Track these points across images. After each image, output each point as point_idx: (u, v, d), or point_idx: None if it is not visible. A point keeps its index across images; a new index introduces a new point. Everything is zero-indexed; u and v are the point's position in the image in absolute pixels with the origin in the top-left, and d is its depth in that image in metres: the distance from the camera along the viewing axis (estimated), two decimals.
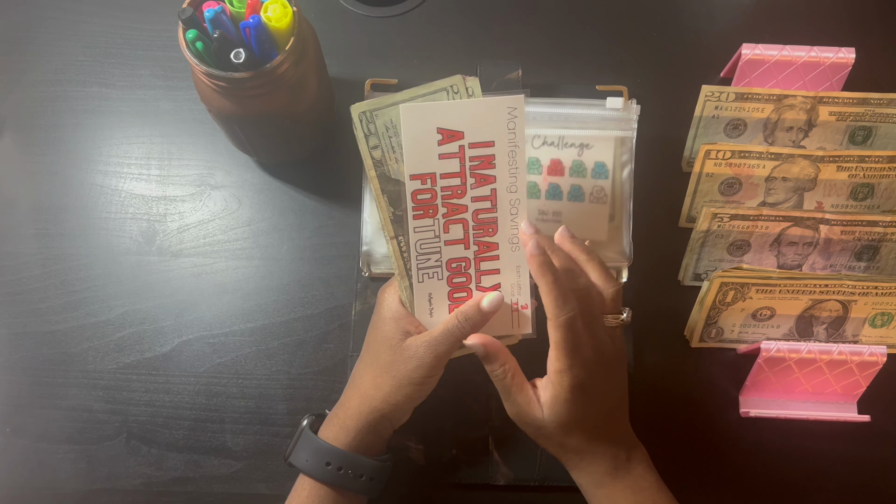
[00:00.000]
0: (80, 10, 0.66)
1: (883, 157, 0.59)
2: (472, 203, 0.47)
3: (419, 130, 0.45)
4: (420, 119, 0.45)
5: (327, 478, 0.47)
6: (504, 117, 0.45)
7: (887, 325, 0.59)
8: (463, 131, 0.45)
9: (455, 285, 0.48)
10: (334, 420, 0.49)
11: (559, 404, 0.45)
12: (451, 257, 0.48)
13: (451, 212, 0.47)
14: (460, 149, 0.45)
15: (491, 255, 0.48)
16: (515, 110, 0.45)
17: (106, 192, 0.62)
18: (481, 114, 0.45)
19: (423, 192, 0.46)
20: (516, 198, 0.47)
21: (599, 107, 0.59)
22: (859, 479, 0.58)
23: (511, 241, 0.47)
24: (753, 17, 0.68)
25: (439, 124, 0.45)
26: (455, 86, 0.46)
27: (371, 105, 0.45)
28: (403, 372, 0.47)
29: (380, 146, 0.46)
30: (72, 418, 0.57)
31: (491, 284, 0.48)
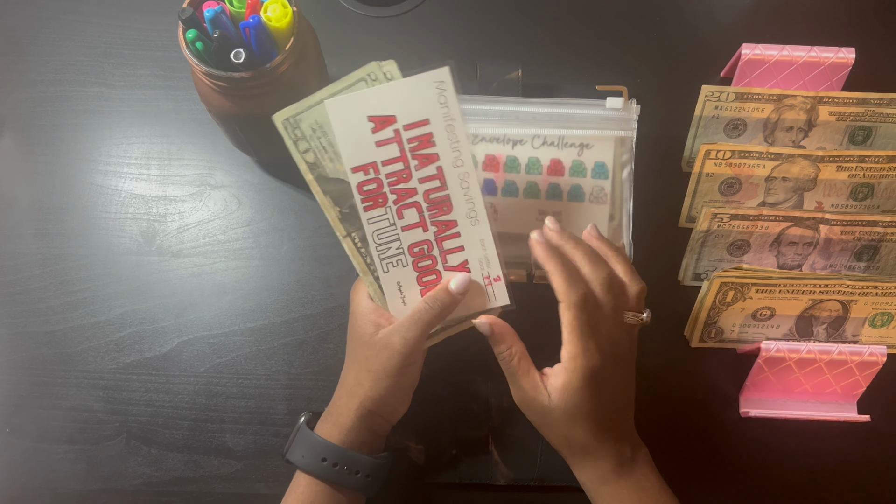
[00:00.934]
0: (80, 10, 0.66)
1: (883, 157, 0.59)
2: (421, 184, 0.46)
3: (350, 122, 0.44)
4: (348, 111, 0.44)
5: (323, 474, 0.47)
6: (433, 93, 0.45)
7: (887, 325, 0.59)
8: (395, 115, 0.45)
9: (422, 269, 0.48)
10: (328, 417, 0.49)
11: (569, 392, 0.45)
12: (411, 242, 0.47)
13: (402, 197, 0.46)
14: (396, 133, 0.45)
15: (451, 234, 0.47)
16: (443, 83, 0.44)
17: (106, 192, 0.62)
18: (409, 94, 0.44)
19: (367, 182, 0.45)
20: (464, 171, 0.46)
21: (599, 107, 0.59)
22: (859, 479, 0.58)
23: (469, 216, 0.47)
24: (753, 17, 0.68)
25: (369, 112, 0.44)
26: (372, 73, 0.45)
27: (293, 110, 0.45)
28: (378, 365, 0.47)
29: (311, 148, 0.45)
30: (72, 418, 0.57)
31: (458, 262, 0.48)
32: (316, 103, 0.45)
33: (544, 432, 0.48)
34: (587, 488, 0.48)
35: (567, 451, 0.48)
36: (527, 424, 0.56)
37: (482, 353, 0.51)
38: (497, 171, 0.57)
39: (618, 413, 0.48)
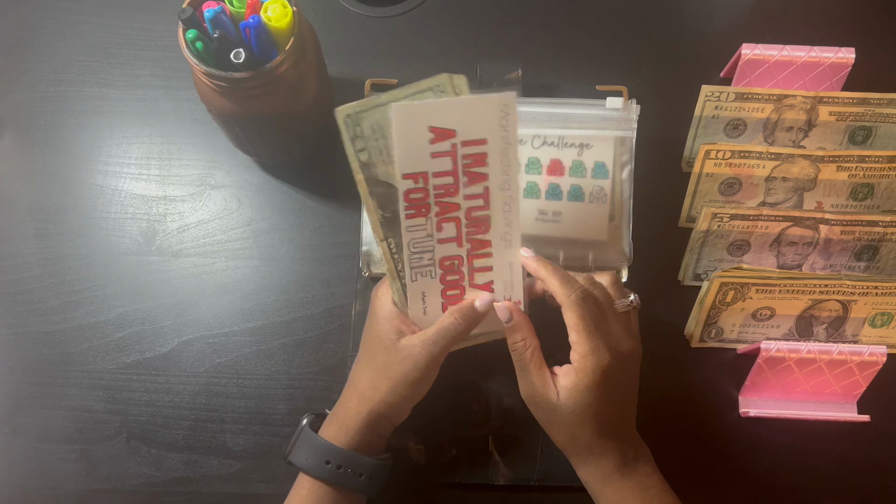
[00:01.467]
0: (80, 10, 0.66)
1: (883, 157, 0.59)
2: (465, 201, 0.46)
3: (410, 129, 0.44)
4: (411, 118, 0.44)
5: (327, 476, 0.47)
6: (496, 115, 0.44)
7: (887, 325, 0.59)
8: (455, 129, 0.44)
9: (448, 283, 0.48)
10: (334, 419, 0.49)
11: (579, 391, 0.45)
12: (443, 255, 0.47)
13: (444, 210, 0.46)
14: (452, 147, 0.45)
15: (484, 253, 0.48)
16: (507, 107, 0.44)
17: (106, 192, 0.62)
18: (473, 111, 0.44)
19: (415, 191, 0.45)
20: (509, 195, 0.46)
21: (599, 107, 0.59)
22: (859, 479, 0.58)
23: (504, 239, 0.47)
24: (753, 17, 0.68)
25: (431, 123, 0.44)
26: (441, 85, 0.45)
27: (356, 107, 0.44)
28: (399, 373, 0.47)
29: (367, 149, 0.45)
30: (72, 418, 0.57)
31: (484, 281, 0.48)
32: (381, 104, 0.44)
33: (549, 430, 0.48)
34: (590, 487, 0.48)
35: (571, 450, 0.48)
36: (527, 424, 0.56)
37: (482, 353, 0.51)
38: None
39: (623, 412, 0.48)
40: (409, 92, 0.45)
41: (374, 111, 0.45)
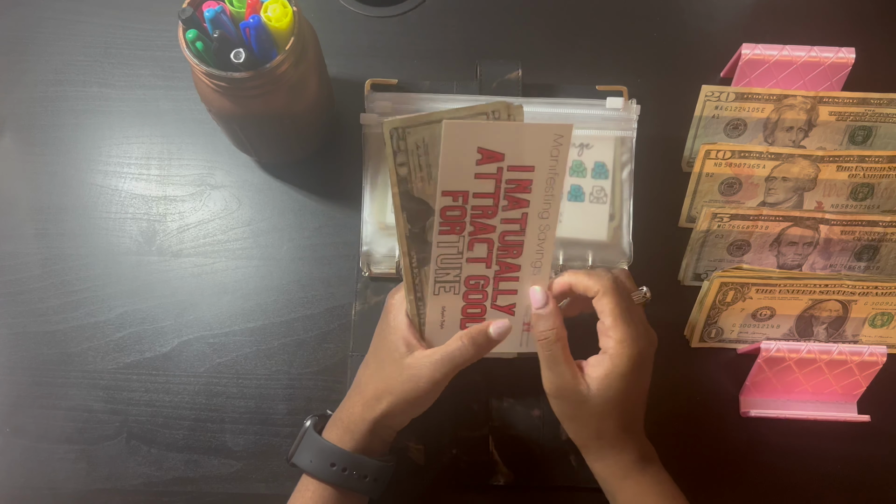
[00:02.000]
0: (80, 10, 0.66)
1: (883, 157, 0.59)
2: (502, 224, 0.46)
3: (459, 147, 0.43)
4: (462, 136, 0.43)
5: (331, 478, 0.47)
6: (549, 144, 0.44)
7: (887, 325, 0.59)
8: (504, 153, 0.44)
9: (470, 301, 0.48)
10: (338, 422, 0.49)
11: (613, 379, 0.45)
12: (470, 274, 0.47)
13: (479, 231, 0.46)
14: (498, 170, 0.44)
15: (511, 276, 0.48)
16: (562, 138, 0.44)
17: (106, 192, 0.62)
18: (526, 138, 0.44)
19: (452, 208, 0.45)
20: (547, 223, 0.46)
21: (599, 107, 0.59)
22: (859, 479, 0.58)
23: (533, 265, 0.47)
24: (753, 17, 0.68)
25: (480, 143, 0.43)
26: (497, 111, 0.45)
27: (404, 122, 0.44)
28: (402, 390, 0.47)
29: (407, 164, 0.45)
30: (72, 418, 0.57)
31: (506, 304, 0.48)
32: (429, 122, 0.44)
33: (573, 425, 0.47)
34: (607, 482, 0.48)
35: (593, 444, 0.47)
36: (527, 424, 0.56)
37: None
38: None
39: (641, 406, 0.48)
40: (464, 114, 0.44)
41: (421, 128, 0.44)
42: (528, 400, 0.57)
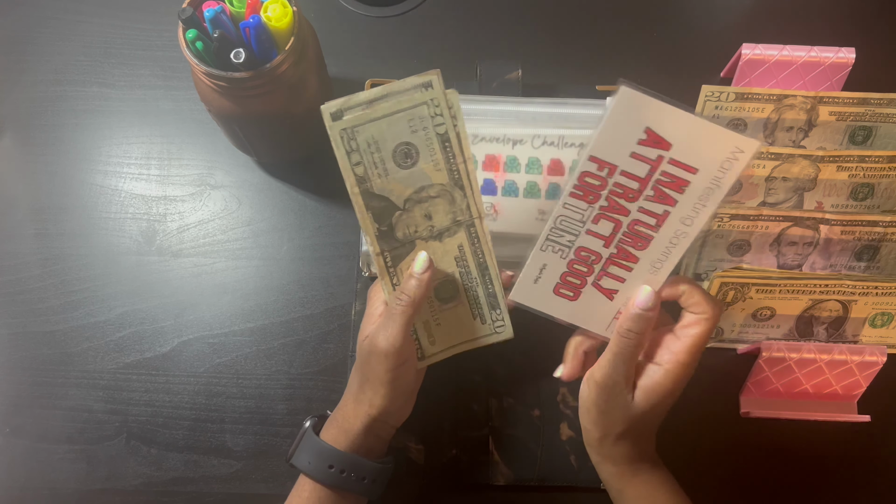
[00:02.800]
0: (80, 10, 0.66)
1: (883, 157, 0.59)
2: (638, 213, 0.44)
3: (627, 118, 0.41)
4: (635, 108, 0.41)
5: (329, 480, 0.47)
6: (724, 153, 0.41)
7: (887, 325, 0.59)
8: (672, 143, 0.41)
9: (573, 270, 0.46)
10: (334, 423, 0.49)
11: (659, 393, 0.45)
12: (583, 245, 0.45)
13: (611, 208, 0.44)
14: (658, 158, 0.42)
15: (625, 265, 0.46)
16: (741, 153, 0.41)
17: (106, 192, 0.62)
18: (702, 136, 0.41)
19: (593, 176, 0.43)
20: (685, 231, 0.44)
21: (599, 107, 0.59)
22: (859, 478, 0.58)
23: (653, 265, 0.46)
24: (753, 17, 0.68)
25: (651, 124, 0.41)
26: (429, 83, 0.44)
27: (352, 122, 0.44)
28: (372, 372, 0.46)
29: (362, 162, 0.45)
30: (72, 418, 0.57)
31: (609, 287, 0.47)
32: (375, 118, 0.44)
33: (601, 420, 0.47)
34: (616, 478, 0.48)
35: (610, 441, 0.47)
36: (527, 424, 0.56)
37: (482, 353, 0.51)
38: (497, 170, 0.57)
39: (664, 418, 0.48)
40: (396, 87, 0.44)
41: (369, 125, 0.44)
42: (528, 400, 0.57)
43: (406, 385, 0.48)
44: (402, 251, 0.47)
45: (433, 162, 0.46)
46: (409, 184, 0.46)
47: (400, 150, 0.45)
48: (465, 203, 0.47)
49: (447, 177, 0.46)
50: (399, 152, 0.45)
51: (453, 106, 0.45)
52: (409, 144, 0.45)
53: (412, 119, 0.44)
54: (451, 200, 0.47)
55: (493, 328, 0.50)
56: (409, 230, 0.47)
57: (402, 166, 0.46)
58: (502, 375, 0.57)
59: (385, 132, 0.44)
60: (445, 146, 0.45)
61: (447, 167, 0.46)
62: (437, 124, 0.45)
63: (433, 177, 0.46)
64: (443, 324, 0.49)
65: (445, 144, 0.45)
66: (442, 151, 0.45)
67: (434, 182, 0.46)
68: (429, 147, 0.45)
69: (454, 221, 0.47)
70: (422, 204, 0.47)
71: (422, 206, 0.47)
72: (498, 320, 0.50)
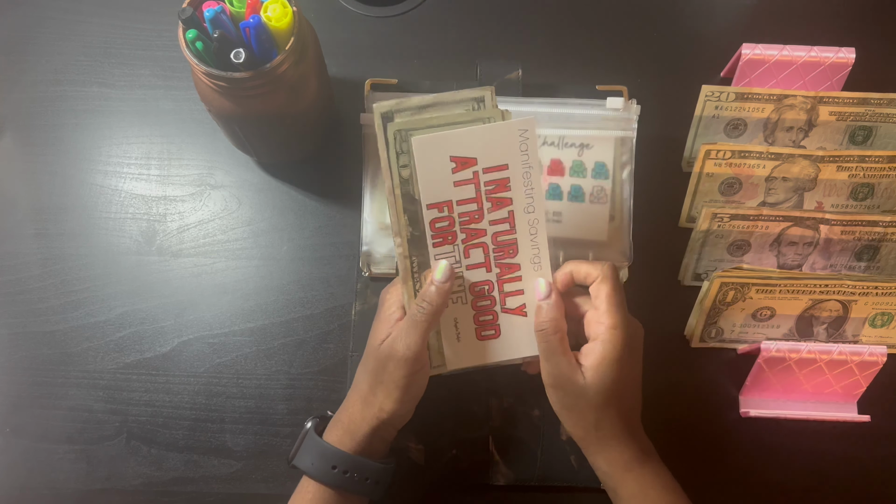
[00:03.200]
0: (80, 10, 0.66)
1: (883, 157, 0.59)
2: (491, 226, 0.47)
3: (433, 160, 0.45)
4: (433, 149, 0.45)
5: (332, 481, 0.47)
6: (516, 140, 0.45)
7: (887, 325, 0.59)
8: (476, 157, 0.45)
9: (479, 309, 0.48)
10: (339, 424, 0.49)
11: (606, 365, 0.45)
12: (473, 281, 0.48)
13: (470, 237, 0.47)
14: (474, 175, 0.46)
15: (513, 277, 0.48)
16: (527, 132, 0.45)
17: (106, 192, 0.62)
18: (493, 139, 0.45)
19: (440, 220, 0.46)
20: (534, 217, 0.47)
21: (599, 107, 0.59)
22: (859, 478, 0.58)
23: (532, 262, 0.48)
24: (753, 17, 0.68)
25: (452, 152, 0.45)
26: (482, 99, 0.46)
27: (407, 125, 0.45)
28: (387, 376, 0.46)
29: (409, 165, 0.46)
30: (72, 418, 0.57)
31: (516, 305, 0.48)
32: (431, 126, 0.45)
33: (572, 418, 0.47)
34: (609, 476, 0.48)
35: (594, 437, 0.47)
36: (527, 424, 0.56)
37: None
38: None
39: (637, 398, 0.48)
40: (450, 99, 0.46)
41: (424, 132, 0.45)
42: (528, 400, 0.57)
43: (418, 390, 0.48)
44: (428, 259, 0.47)
45: None
46: None
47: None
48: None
49: None
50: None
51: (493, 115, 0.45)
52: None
53: None
54: None
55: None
56: None
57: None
58: (502, 375, 0.57)
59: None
60: None
61: None
62: None
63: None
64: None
65: None
66: None
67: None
68: None
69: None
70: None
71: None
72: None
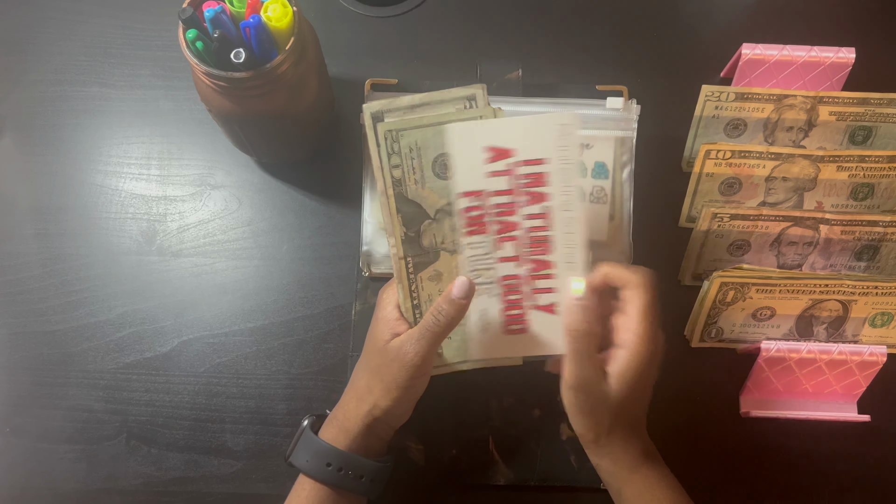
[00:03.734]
0: (80, 10, 0.66)
1: (883, 156, 0.59)
2: (525, 220, 0.46)
3: (467, 149, 0.44)
4: (468, 138, 0.44)
5: (327, 478, 0.47)
6: (555, 134, 0.44)
7: (887, 325, 0.59)
8: (513, 148, 0.44)
9: (510, 303, 0.48)
10: (334, 421, 0.49)
11: (630, 375, 0.45)
12: (504, 274, 0.47)
13: (504, 229, 0.46)
14: (509, 167, 0.45)
15: (546, 274, 0.47)
16: (568, 126, 0.44)
17: (106, 192, 0.62)
18: (532, 130, 0.44)
19: (473, 209, 0.46)
20: (572, 216, 0.46)
21: (599, 107, 0.59)
22: (859, 478, 0.58)
23: (567, 261, 0.47)
24: (753, 17, 0.68)
25: (487, 143, 0.44)
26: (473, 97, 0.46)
27: (398, 124, 0.45)
28: (389, 376, 0.46)
29: (401, 166, 0.46)
30: (72, 418, 0.57)
31: (547, 303, 0.48)
32: (422, 125, 0.45)
33: (588, 420, 0.46)
34: (615, 477, 0.48)
35: (604, 440, 0.47)
36: (527, 424, 0.56)
37: None
38: None
39: (647, 402, 0.48)
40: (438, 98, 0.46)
41: (414, 131, 0.45)
42: (528, 400, 0.57)
43: (417, 392, 0.48)
44: (426, 259, 0.47)
45: None
46: (444, 195, 0.46)
47: (440, 161, 0.46)
48: None
49: None
50: (439, 163, 0.46)
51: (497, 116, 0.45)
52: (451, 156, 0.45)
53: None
54: None
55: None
56: (436, 240, 0.47)
57: (440, 177, 0.46)
58: (502, 375, 0.57)
59: (429, 141, 0.45)
60: None
61: None
62: None
63: None
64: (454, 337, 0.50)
65: None
66: None
67: None
68: None
69: None
70: (452, 217, 0.47)
71: (451, 220, 0.47)
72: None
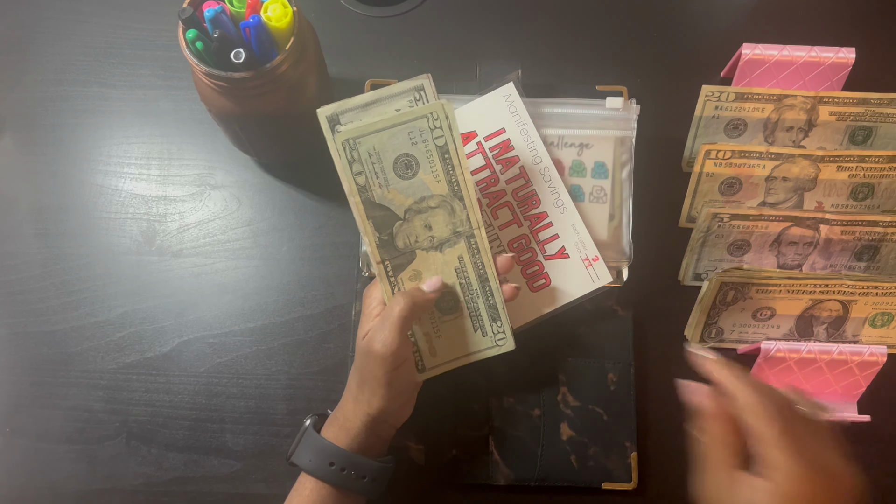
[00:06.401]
0: (80, 10, 0.66)
1: (883, 157, 0.59)
2: (508, 185, 0.52)
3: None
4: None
5: (330, 478, 0.47)
6: (503, 105, 0.52)
7: (887, 325, 0.59)
8: (474, 129, 0.52)
9: (524, 262, 0.53)
10: (335, 421, 0.49)
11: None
12: (510, 238, 0.53)
13: (493, 199, 0.52)
14: (478, 145, 0.53)
15: (544, 224, 0.53)
16: (510, 96, 0.53)
17: (106, 192, 0.62)
18: (484, 110, 0.51)
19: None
20: (544, 166, 0.52)
21: (599, 107, 0.59)
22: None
23: (556, 206, 0.53)
24: (753, 17, 0.68)
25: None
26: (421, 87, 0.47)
27: (353, 133, 0.45)
28: (370, 374, 0.46)
29: (363, 172, 0.46)
30: (72, 418, 0.57)
31: (556, 250, 0.53)
32: (377, 130, 0.46)
33: None
34: None
35: None
36: (527, 424, 0.56)
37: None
38: None
39: None
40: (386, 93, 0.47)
41: (371, 136, 0.46)
42: (528, 400, 0.57)
43: (404, 386, 0.48)
44: (403, 260, 0.48)
45: (433, 173, 0.46)
46: (410, 194, 0.47)
47: (400, 162, 0.46)
48: (464, 214, 0.47)
49: (447, 188, 0.47)
50: (400, 163, 0.46)
51: (449, 117, 0.46)
52: (410, 156, 0.46)
53: (412, 131, 0.46)
54: (451, 211, 0.47)
55: (495, 340, 0.50)
56: (410, 240, 0.47)
57: (403, 177, 0.46)
58: (503, 375, 0.57)
59: (386, 144, 0.46)
60: (445, 158, 0.46)
61: (447, 179, 0.47)
62: (437, 137, 0.46)
63: (433, 188, 0.47)
64: (444, 336, 0.50)
65: (445, 156, 0.46)
66: (441, 163, 0.46)
67: (434, 193, 0.47)
68: (428, 159, 0.46)
69: (454, 232, 0.48)
70: (422, 214, 0.47)
71: (422, 217, 0.47)
72: (499, 332, 0.50)
